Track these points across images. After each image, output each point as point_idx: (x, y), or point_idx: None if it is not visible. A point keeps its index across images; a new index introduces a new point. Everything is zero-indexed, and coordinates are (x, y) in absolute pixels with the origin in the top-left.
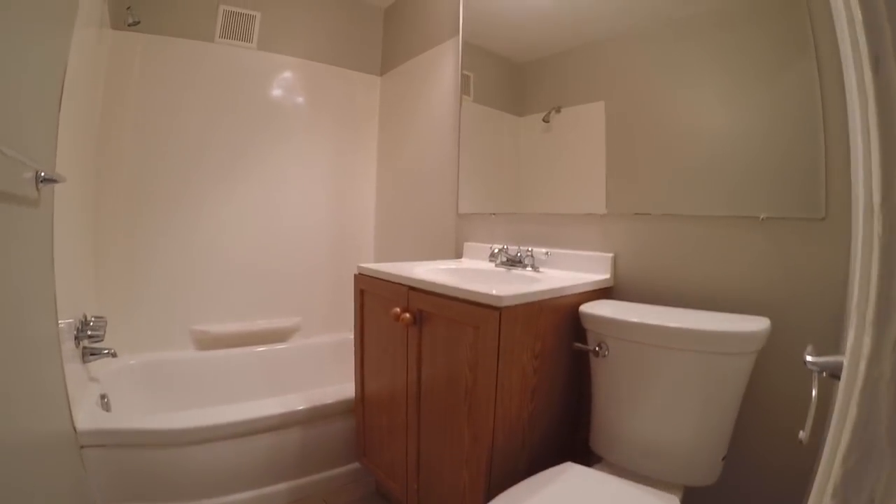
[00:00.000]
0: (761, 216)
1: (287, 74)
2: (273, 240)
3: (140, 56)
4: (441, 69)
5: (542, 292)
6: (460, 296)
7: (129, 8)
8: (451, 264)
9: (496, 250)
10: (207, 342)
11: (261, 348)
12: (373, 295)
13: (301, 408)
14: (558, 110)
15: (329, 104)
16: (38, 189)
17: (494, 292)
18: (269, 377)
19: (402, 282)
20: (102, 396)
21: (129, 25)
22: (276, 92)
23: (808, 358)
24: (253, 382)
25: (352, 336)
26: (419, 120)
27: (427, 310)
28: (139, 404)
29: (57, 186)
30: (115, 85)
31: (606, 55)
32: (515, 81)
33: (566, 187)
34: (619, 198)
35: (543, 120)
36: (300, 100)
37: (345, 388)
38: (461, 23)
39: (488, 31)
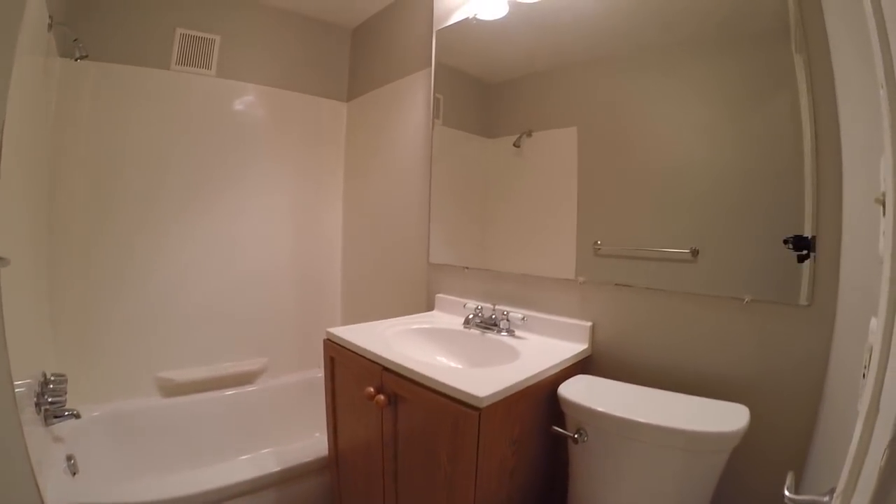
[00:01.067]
0: (746, 298)
1: (249, 103)
2: (236, 278)
3: (91, 88)
4: (411, 101)
5: (522, 381)
6: (438, 388)
7: (76, 40)
8: (424, 321)
9: (470, 313)
10: (172, 388)
11: (229, 392)
12: (344, 366)
13: (274, 470)
14: (529, 134)
15: (293, 133)
16: None
17: (474, 392)
18: (239, 421)
19: (375, 360)
20: (69, 458)
21: (76, 59)
22: (238, 122)
23: (787, 494)
24: (223, 428)
25: (321, 374)
26: (388, 153)
27: (403, 394)
28: (107, 462)
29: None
30: (65, 121)
31: (580, 79)
32: (486, 102)
33: (536, 218)
34: (590, 231)
35: (514, 144)
36: (263, 130)
37: (318, 443)
38: (433, 55)
39: (459, 49)
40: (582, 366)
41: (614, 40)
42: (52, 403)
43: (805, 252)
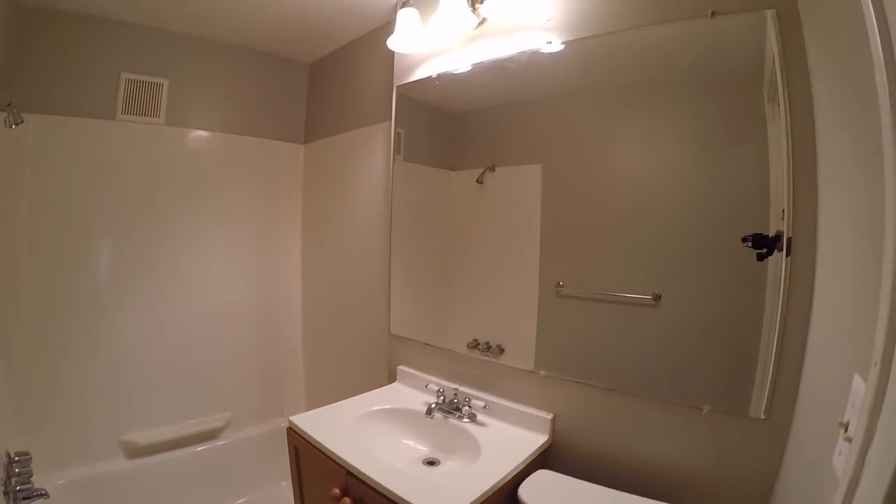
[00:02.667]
0: (704, 409)
1: (202, 151)
2: (194, 335)
3: (31, 145)
4: (370, 155)
5: (486, 492)
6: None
7: (10, 104)
8: (387, 400)
9: (433, 395)
10: (137, 450)
11: (196, 448)
12: (308, 458)
13: None
14: (493, 169)
15: (249, 181)
16: None
17: None
18: (207, 477)
19: (339, 462)
20: None
21: (11, 127)
22: (191, 172)
23: None
24: (191, 486)
25: (284, 424)
26: (346, 208)
27: (367, 498)
28: None
29: None
30: (5, 184)
31: (546, 115)
32: (449, 134)
33: (500, 258)
34: (553, 271)
35: (477, 181)
36: (217, 179)
37: (285, 491)
38: (393, 110)
39: (421, 93)
40: (543, 456)
41: (582, 78)
42: (19, 487)
43: (765, 251)
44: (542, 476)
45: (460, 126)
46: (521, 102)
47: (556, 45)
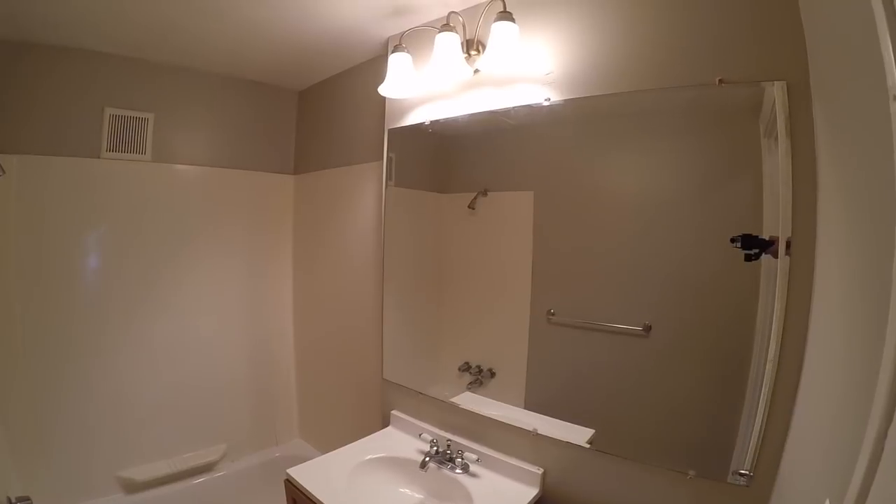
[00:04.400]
0: (689, 473)
1: (189, 186)
2: (188, 370)
3: (16, 187)
4: (360, 193)
5: None
6: None
7: None
8: (381, 447)
9: (427, 444)
10: (135, 486)
11: (193, 481)
12: None
13: None
14: (485, 194)
15: (239, 215)
16: None
17: None
18: None
19: None
20: None
21: None
22: (179, 209)
23: None
24: None
25: (278, 453)
26: (336, 244)
27: None
28: None
29: None
30: None
31: (540, 141)
32: (441, 156)
33: (491, 285)
34: (544, 299)
35: (469, 206)
36: (206, 214)
37: None
38: (385, 151)
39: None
40: None
41: (578, 109)
42: None
43: (755, 252)
44: None
45: (452, 149)
46: (513, 129)
47: (556, 101)
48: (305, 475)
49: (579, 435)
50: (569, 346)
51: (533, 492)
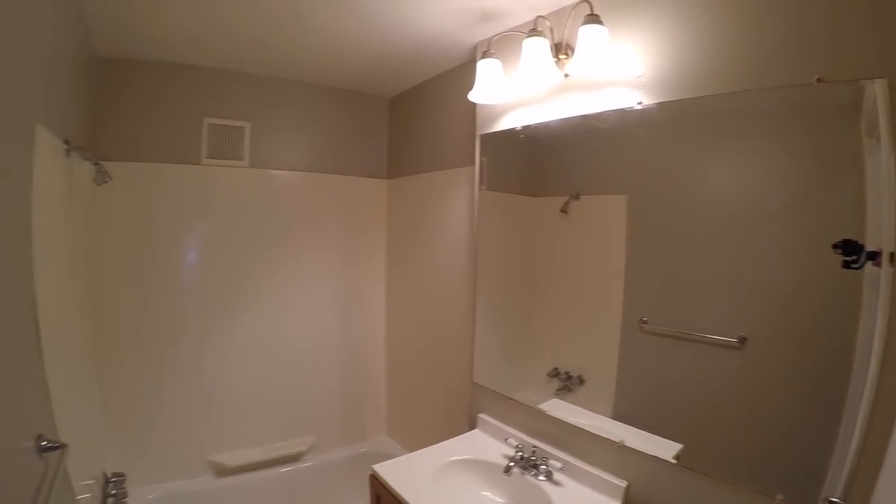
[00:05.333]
0: (777, 498)
1: (285, 190)
2: (282, 362)
3: (121, 192)
4: (452, 198)
5: None
6: None
7: (97, 164)
8: (466, 449)
9: (513, 449)
10: (225, 470)
11: (280, 469)
12: None
13: None
14: (577, 197)
15: (332, 217)
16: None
17: None
18: (289, 498)
19: None
20: None
21: (99, 185)
22: (275, 210)
23: None
24: None
25: (364, 448)
26: (429, 246)
27: None
28: None
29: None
30: (100, 232)
31: (631, 143)
32: (533, 159)
33: (583, 291)
34: (636, 306)
35: (561, 210)
36: (302, 215)
37: None
38: (477, 155)
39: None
40: None
41: (670, 112)
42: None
43: (854, 258)
44: None
45: (544, 152)
46: (605, 131)
47: (649, 105)
48: (390, 472)
49: (666, 449)
50: (660, 355)
51: None
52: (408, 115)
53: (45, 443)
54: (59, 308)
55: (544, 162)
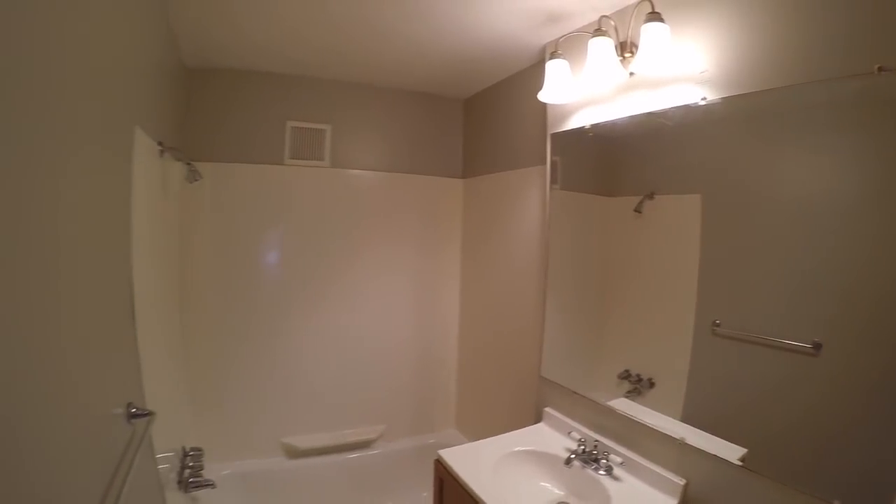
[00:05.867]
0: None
1: (364, 189)
2: (357, 352)
3: (210, 191)
4: (525, 196)
5: None
6: None
7: (189, 164)
8: (529, 441)
9: (575, 442)
10: (296, 452)
11: (349, 455)
12: (451, 491)
13: None
14: (651, 197)
15: (409, 215)
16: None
17: None
18: (356, 484)
19: (476, 498)
20: None
21: (191, 182)
22: (354, 207)
23: None
24: (340, 490)
25: (432, 440)
26: (502, 244)
27: None
28: None
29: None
30: (189, 228)
31: (704, 140)
32: (607, 159)
33: (657, 288)
34: (709, 309)
35: (636, 210)
36: (379, 214)
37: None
38: (548, 155)
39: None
40: None
41: (736, 107)
42: (191, 476)
43: None
44: None
45: (618, 151)
46: (680, 129)
47: (713, 100)
48: (454, 458)
49: (730, 452)
50: (732, 359)
51: (671, 502)
52: (481, 116)
53: (134, 410)
54: (151, 293)
55: (617, 161)
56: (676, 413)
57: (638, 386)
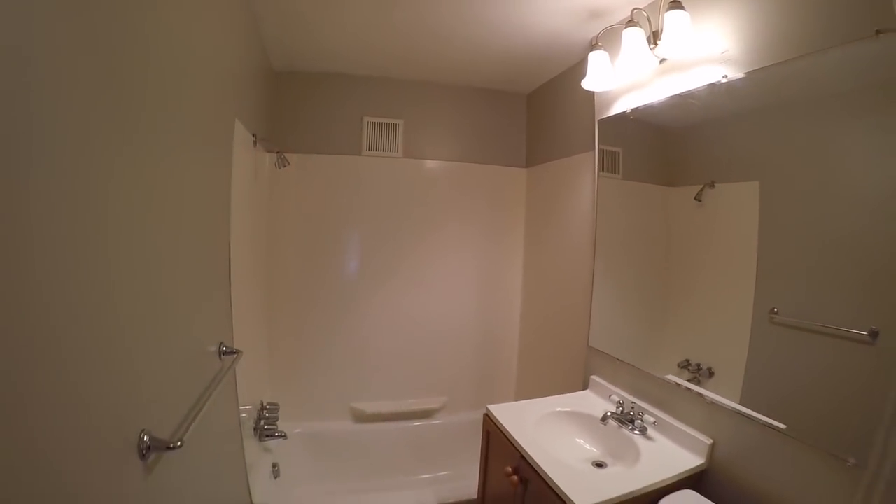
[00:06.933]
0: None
1: (434, 177)
2: (423, 328)
3: (295, 177)
4: (580, 181)
5: (625, 495)
6: (553, 486)
7: (278, 152)
8: (571, 404)
9: (614, 405)
10: (363, 417)
11: (412, 423)
12: (496, 440)
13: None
14: (712, 185)
15: (476, 202)
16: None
17: (573, 497)
18: (417, 450)
19: (516, 446)
20: (273, 465)
21: (280, 168)
22: (425, 194)
23: None
24: (401, 454)
25: None
26: (558, 227)
27: (531, 478)
28: (303, 471)
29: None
30: (277, 209)
31: (760, 127)
32: (667, 149)
33: (716, 276)
34: (767, 297)
35: (696, 198)
36: (448, 200)
37: (470, 486)
38: (596, 142)
39: (617, 115)
40: (695, 478)
41: (763, 76)
42: (266, 426)
43: None
44: (686, 496)
45: (678, 140)
46: (734, 114)
47: (734, 77)
48: (501, 412)
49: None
50: (789, 348)
51: (698, 461)
52: (542, 109)
53: (224, 348)
54: (244, 261)
55: (678, 151)
56: (735, 400)
57: (697, 375)
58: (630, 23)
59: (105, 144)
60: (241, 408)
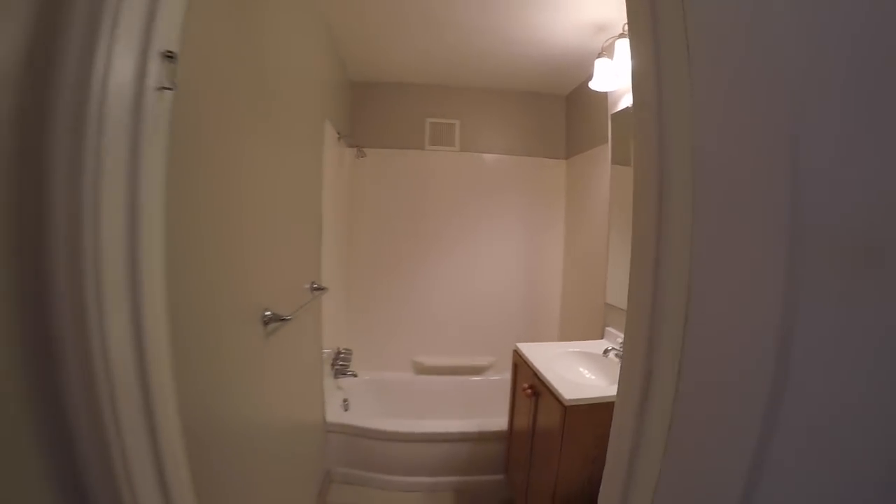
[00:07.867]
0: None
1: (486, 169)
2: (476, 295)
3: (370, 169)
4: (599, 166)
5: (605, 396)
6: (552, 389)
7: (357, 146)
8: (584, 346)
9: (619, 344)
10: (422, 369)
11: (465, 378)
12: (521, 369)
13: (472, 430)
14: None
15: (522, 189)
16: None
17: (563, 395)
18: (468, 402)
19: (532, 368)
20: (344, 400)
21: (358, 158)
22: (477, 182)
23: None
24: (451, 403)
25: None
26: (589, 207)
27: (541, 391)
28: (368, 408)
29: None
30: (356, 194)
31: None
32: None
33: None
34: None
35: None
36: (498, 188)
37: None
38: (609, 134)
39: (623, 110)
40: None
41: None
42: (341, 365)
43: None
44: None
45: None
46: None
47: None
48: (526, 349)
49: None
50: None
51: None
52: (577, 108)
53: (315, 285)
54: (331, 229)
55: None
56: None
57: None
58: (621, 35)
59: (262, 135)
60: (323, 351)
